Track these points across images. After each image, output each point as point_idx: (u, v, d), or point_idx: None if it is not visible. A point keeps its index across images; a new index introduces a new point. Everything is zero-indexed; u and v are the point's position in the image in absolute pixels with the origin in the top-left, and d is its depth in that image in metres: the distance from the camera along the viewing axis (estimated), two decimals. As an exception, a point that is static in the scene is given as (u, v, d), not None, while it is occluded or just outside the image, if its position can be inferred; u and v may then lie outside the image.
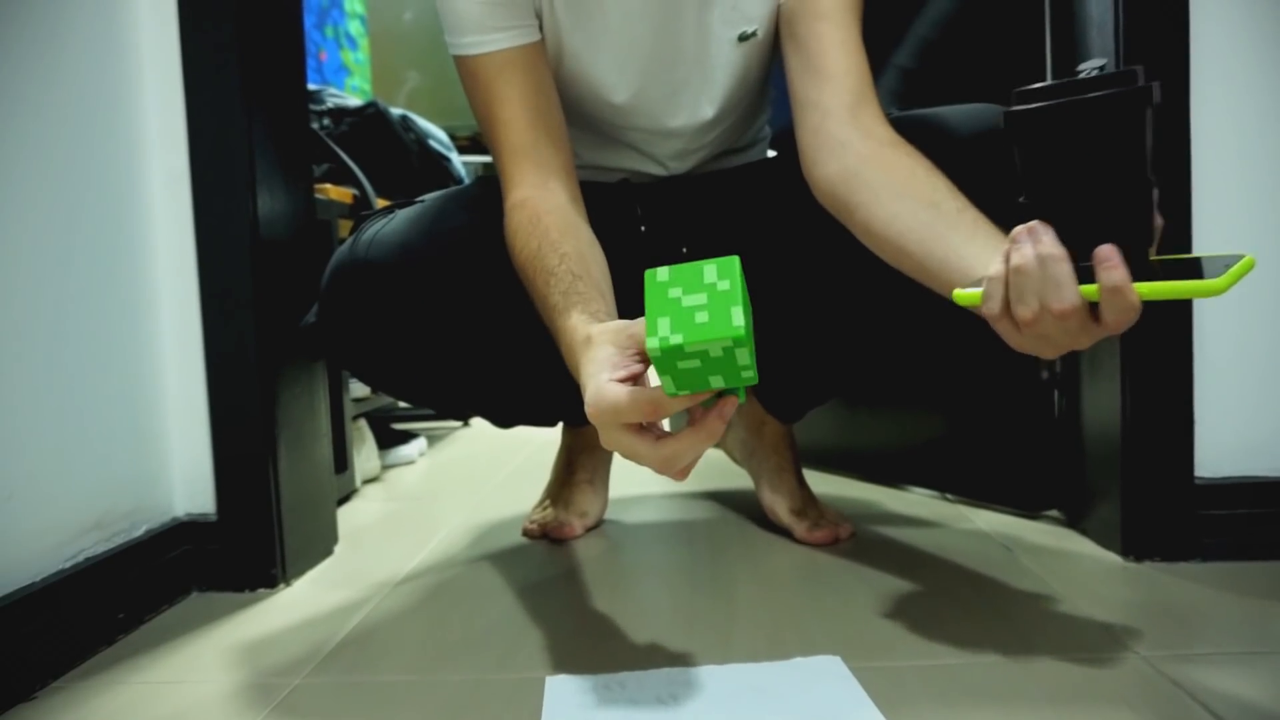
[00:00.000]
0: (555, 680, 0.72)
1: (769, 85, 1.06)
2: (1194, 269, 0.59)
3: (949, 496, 1.31)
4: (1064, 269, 0.58)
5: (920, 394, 1.36)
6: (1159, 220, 0.62)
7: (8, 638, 0.74)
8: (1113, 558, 1.01)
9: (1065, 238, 0.60)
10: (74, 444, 0.86)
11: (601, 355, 0.64)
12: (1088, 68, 0.62)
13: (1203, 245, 0.97)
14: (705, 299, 0.57)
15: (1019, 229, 0.60)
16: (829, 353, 1.07)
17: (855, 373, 1.14)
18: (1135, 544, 0.99)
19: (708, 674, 0.72)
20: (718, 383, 0.58)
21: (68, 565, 0.84)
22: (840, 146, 0.83)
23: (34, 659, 0.77)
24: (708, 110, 0.99)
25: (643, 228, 1.06)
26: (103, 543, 0.89)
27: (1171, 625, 0.80)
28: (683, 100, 0.98)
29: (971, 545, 1.07)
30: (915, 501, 1.30)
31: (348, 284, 0.89)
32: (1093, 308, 0.59)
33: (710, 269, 0.58)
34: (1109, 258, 0.56)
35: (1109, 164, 0.61)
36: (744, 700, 0.67)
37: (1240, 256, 0.59)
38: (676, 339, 0.56)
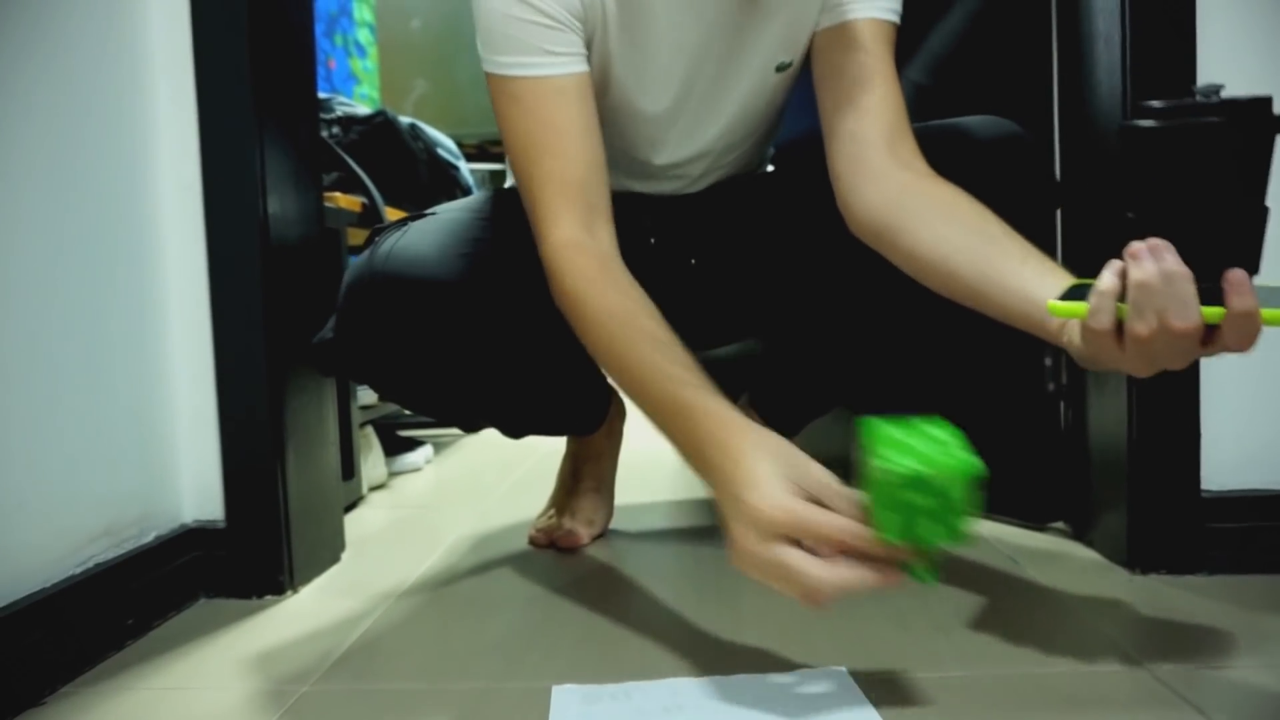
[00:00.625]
0: (561, 690, 0.72)
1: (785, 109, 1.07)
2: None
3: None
4: (1189, 288, 0.58)
5: (924, 404, 1.36)
6: None
7: (19, 643, 0.75)
8: (1119, 570, 1.00)
9: (1180, 250, 0.60)
10: (84, 451, 0.87)
11: (772, 469, 0.62)
12: (1207, 89, 0.61)
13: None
14: (929, 442, 0.59)
15: (1137, 245, 0.60)
16: (829, 363, 1.08)
17: (856, 384, 1.14)
18: (1141, 556, 0.99)
19: (713, 685, 0.72)
20: (929, 533, 0.58)
21: (78, 571, 0.84)
22: (880, 176, 0.84)
23: (44, 665, 0.78)
24: (735, 135, 1.00)
25: (652, 240, 1.06)
26: (112, 549, 0.90)
27: (1177, 638, 0.80)
28: (713, 126, 0.98)
29: (977, 557, 1.07)
30: (921, 512, 1.30)
31: (367, 298, 0.89)
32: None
33: (926, 424, 0.61)
34: (1241, 282, 0.58)
35: (1227, 187, 0.61)
36: (749, 711, 0.67)
37: None
38: (910, 464, 0.57)
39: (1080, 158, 1.09)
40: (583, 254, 0.82)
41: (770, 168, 1.16)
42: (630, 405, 0.95)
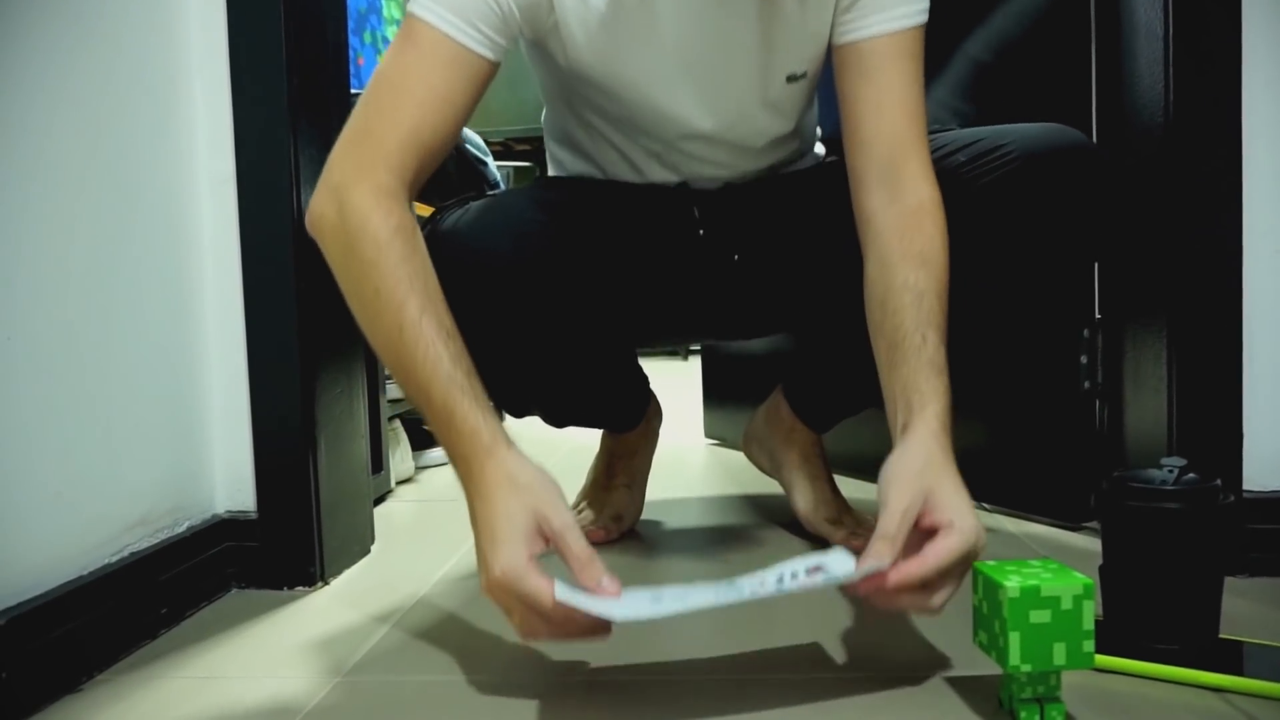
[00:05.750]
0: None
1: (814, 102, 1.06)
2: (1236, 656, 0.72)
3: (987, 506, 1.29)
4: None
5: (959, 402, 1.35)
6: None
7: (57, 630, 0.76)
8: (1156, 572, 0.99)
9: (1142, 609, 0.73)
10: (121, 442, 0.88)
11: (512, 519, 0.70)
12: (1170, 464, 0.73)
13: (1254, 264, 0.95)
14: (1042, 570, 0.64)
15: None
16: (864, 362, 1.07)
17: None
18: (1180, 558, 0.97)
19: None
20: (1059, 656, 0.62)
21: (114, 560, 0.85)
22: (866, 221, 0.88)
23: (81, 652, 0.79)
24: (751, 139, 1.00)
25: (701, 231, 1.06)
26: (147, 539, 0.90)
27: (1219, 641, 0.79)
28: (725, 131, 0.98)
29: (1011, 556, 1.05)
30: (952, 511, 1.28)
31: (441, 259, 0.89)
32: None
33: (1035, 563, 0.66)
34: None
35: (1186, 559, 0.71)
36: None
37: None
38: (1032, 581, 0.61)
39: (1120, 156, 1.07)
40: (399, 204, 0.78)
41: (821, 149, 1.15)
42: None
